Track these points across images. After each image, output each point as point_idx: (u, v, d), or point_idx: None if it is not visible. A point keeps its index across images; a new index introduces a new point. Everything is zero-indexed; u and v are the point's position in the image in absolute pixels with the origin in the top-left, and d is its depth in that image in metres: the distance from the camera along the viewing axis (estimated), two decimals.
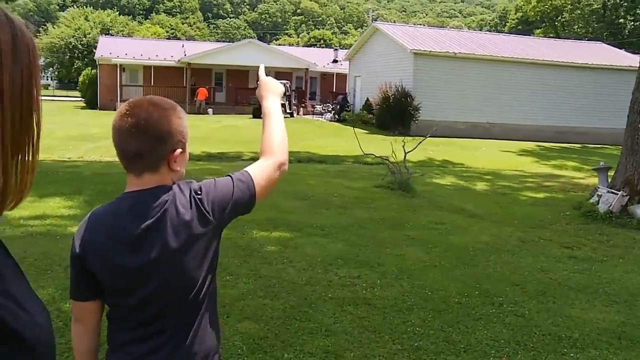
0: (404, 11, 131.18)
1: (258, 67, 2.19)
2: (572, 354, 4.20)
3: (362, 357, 3.97)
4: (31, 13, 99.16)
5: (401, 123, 23.60)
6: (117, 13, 67.07)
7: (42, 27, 64.26)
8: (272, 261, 6.05)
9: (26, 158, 0.84)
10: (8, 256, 0.99)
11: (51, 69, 62.30)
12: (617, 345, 4.41)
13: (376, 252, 6.61)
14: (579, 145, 24.86)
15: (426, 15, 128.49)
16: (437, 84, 25.68)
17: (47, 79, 76.87)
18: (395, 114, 24.35)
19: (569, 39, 43.30)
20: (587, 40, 43.47)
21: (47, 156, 14.41)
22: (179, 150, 1.62)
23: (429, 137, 12.52)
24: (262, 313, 4.61)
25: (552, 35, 52.02)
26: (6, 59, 0.80)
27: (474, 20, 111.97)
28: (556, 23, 56.92)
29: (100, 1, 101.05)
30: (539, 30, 59.10)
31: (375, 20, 36.69)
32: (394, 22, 62.55)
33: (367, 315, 4.70)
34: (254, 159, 9.37)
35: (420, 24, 70.62)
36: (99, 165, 12.82)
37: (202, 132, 23.11)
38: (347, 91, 34.08)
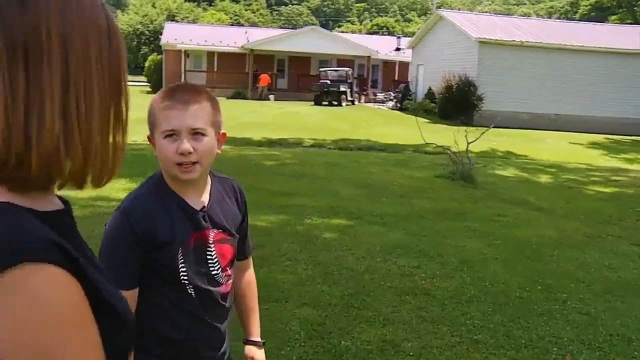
0: None
1: (320, 54, 2.15)
2: None
3: (420, 347, 3.93)
4: (103, 0, 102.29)
5: (464, 113, 23.21)
6: (183, 0, 68.31)
7: (112, 14, 66.31)
8: (331, 248, 6.06)
9: (118, 139, 0.88)
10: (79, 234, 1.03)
11: None
12: None
13: (436, 243, 6.53)
14: None
15: (492, 2, 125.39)
16: (502, 74, 25.06)
17: None
18: (458, 103, 23.96)
19: None
20: None
21: None
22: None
23: (492, 127, 12.26)
24: (321, 299, 4.63)
25: (629, 22, 49.68)
26: (103, 43, 0.85)
27: (542, 8, 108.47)
28: (635, 8, 54.15)
29: None
30: (615, 16, 56.50)
31: (439, 8, 36.10)
32: (459, 9, 61.34)
33: (425, 305, 4.65)
34: (315, 145, 9.50)
35: (486, 12, 68.96)
36: None
37: (264, 118, 23.36)
38: (409, 79, 33.71)
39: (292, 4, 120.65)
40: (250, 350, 1.90)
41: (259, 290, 2.05)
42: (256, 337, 1.93)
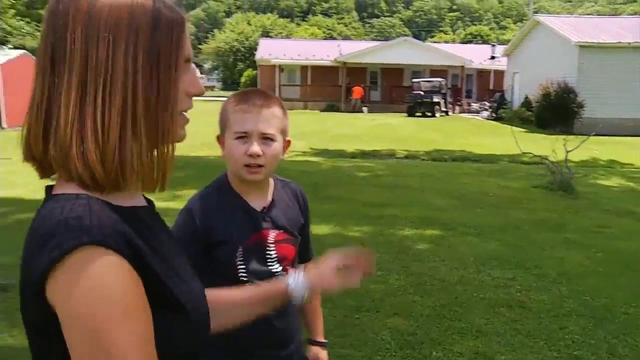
0: (569, 1, 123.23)
1: (413, 65, 2.16)
2: None
3: None
4: (202, 21, 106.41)
5: (563, 121, 22.32)
6: (277, 16, 70.06)
7: (210, 33, 68.85)
8: (423, 259, 6.03)
9: (162, 150, 0.95)
10: (169, 233, 1.11)
11: (216, 71, 66.53)
12: None
13: (532, 254, 6.33)
14: None
15: (595, 3, 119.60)
16: (604, 78, 23.82)
17: (213, 81, 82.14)
18: (556, 111, 23.06)
19: None
20: None
21: (212, 152, 15.45)
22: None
23: (593, 135, 11.74)
24: (412, 310, 4.61)
25: None
26: (144, 41, 0.90)
27: None
28: None
29: (262, 5, 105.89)
30: None
31: (536, 13, 34.94)
32: (557, 14, 59.11)
33: (520, 318, 4.53)
34: (408, 156, 9.47)
35: (589, 14, 65.92)
36: None
37: (356, 130, 23.49)
38: (504, 88, 32.85)
39: (384, 16, 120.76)
40: (315, 350, 1.94)
41: (351, 300, 2.09)
42: (320, 337, 1.97)
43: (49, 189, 0.94)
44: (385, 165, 13.68)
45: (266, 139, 1.67)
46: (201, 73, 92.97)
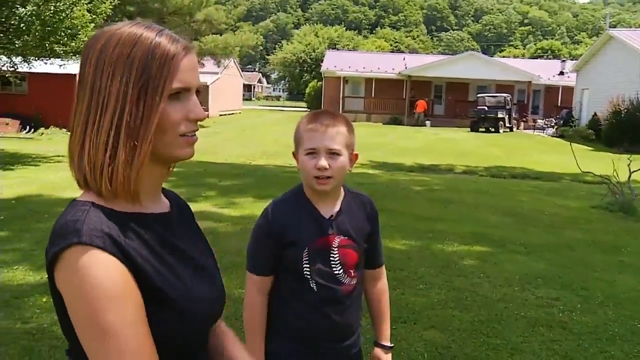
0: None
1: (478, 79, 2.35)
2: None
3: None
4: (271, 32, 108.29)
5: (633, 139, 21.57)
6: (345, 28, 70.54)
7: (278, 44, 70.06)
8: (468, 274, 6.02)
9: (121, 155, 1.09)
10: (192, 236, 1.27)
11: (283, 81, 67.55)
12: None
13: (582, 276, 6.22)
14: None
15: None
16: None
17: (279, 91, 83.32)
18: (625, 129, 22.31)
19: None
20: None
21: (271, 161, 15.76)
22: None
23: None
24: (450, 324, 4.64)
25: None
26: (134, 73, 1.07)
27: None
28: None
29: (330, 18, 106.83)
30: None
31: (615, 27, 33.75)
32: (637, 27, 57.01)
33: (559, 339, 4.49)
34: (466, 172, 9.49)
35: None
36: None
37: (418, 143, 23.43)
38: (573, 105, 32.00)
39: (453, 29, 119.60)
40: (378, 352, 2.14)
41: (391, 310, 2.23)
42: (385, 341, 2.15)
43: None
44: (442, 180, 13.62)
45: (333, 153, 1.89)
46: (268, 83, 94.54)
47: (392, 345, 2.16)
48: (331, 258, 1.93)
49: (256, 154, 17.89)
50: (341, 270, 1.94)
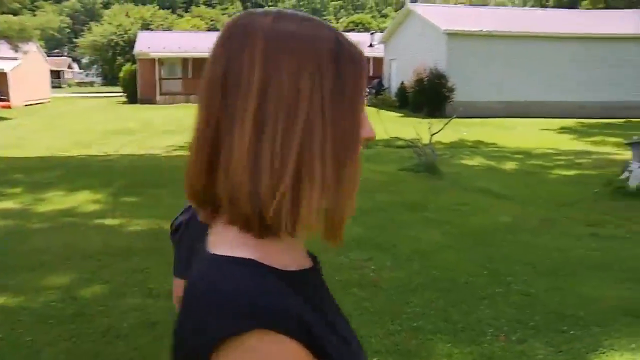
0: None
1: None
2: (572, 331, 4.18)
3: (359, 337, 4.03)
4: (77, 13, 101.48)
5: (436, 105, 23.41)
6: (157, 7, 68.12)
7: (86, 26, 65.93)
8: None
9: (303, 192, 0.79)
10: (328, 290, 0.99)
11: (95, 66, 63.87)
12: (622, 321, 4.37)
13: (392, 235, 6.66)
14: (622, 120, 24.02)
15: None
16: (472, 64, 25.26)
17: (92, 76, 78.83)
18: (429, 96, 24.15)
19: (619, 8, 41.44)
20: None
21: (84, 151, 14.91)
22: None
23: (463, 117, 12.46)
24: None
25: (601, 6, 50.00)
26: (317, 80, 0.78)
27: None
28: None
29: None
30: (586, 1, 56.88)
31: (415, 2, 36.17)
32: (434, 2, 61.46)
33: (370, 297, 4.78)
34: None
35: (461, 3, 69.09)
36: (131, 158, 13.16)
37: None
38: (382, 75, 33.90)
39: (269, 6, 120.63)
40: None
41: None
42: None
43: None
44: None
45: None
46: (80, 68, 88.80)
47: None
48: None
49: (68, 144, 16.77)
50: None
